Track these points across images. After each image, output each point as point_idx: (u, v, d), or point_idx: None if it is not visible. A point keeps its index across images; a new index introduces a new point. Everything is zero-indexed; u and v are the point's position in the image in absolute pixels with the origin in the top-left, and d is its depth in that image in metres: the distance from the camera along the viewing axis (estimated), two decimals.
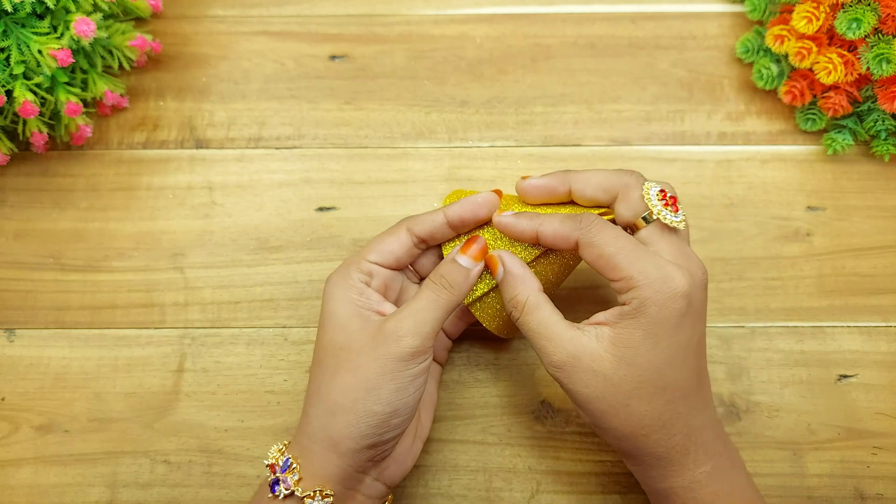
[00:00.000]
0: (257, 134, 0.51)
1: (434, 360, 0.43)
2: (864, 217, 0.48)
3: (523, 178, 0.39)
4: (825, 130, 0.50)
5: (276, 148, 0.51)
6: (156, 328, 0.47)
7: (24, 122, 0.47)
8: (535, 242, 0.37)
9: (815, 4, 0.45)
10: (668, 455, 0.34)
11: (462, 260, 0.37)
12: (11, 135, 0.49)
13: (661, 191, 0.36)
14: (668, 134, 0.51)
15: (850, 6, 0.44)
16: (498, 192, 0.39)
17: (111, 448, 0.44)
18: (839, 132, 0.49)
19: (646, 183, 0.37)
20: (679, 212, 0.36)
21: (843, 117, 0.49)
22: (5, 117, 0.47)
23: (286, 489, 0.34)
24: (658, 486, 0.36)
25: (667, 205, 0.36)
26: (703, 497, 0.35)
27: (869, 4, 0.44)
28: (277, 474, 0.35)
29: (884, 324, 0.46)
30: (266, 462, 0.36)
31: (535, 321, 0.36)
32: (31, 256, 0.48)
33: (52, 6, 0.43)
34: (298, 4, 0.55)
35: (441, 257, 0.41)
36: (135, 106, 0.52)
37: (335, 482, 0.35)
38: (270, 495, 0.35)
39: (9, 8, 0.42)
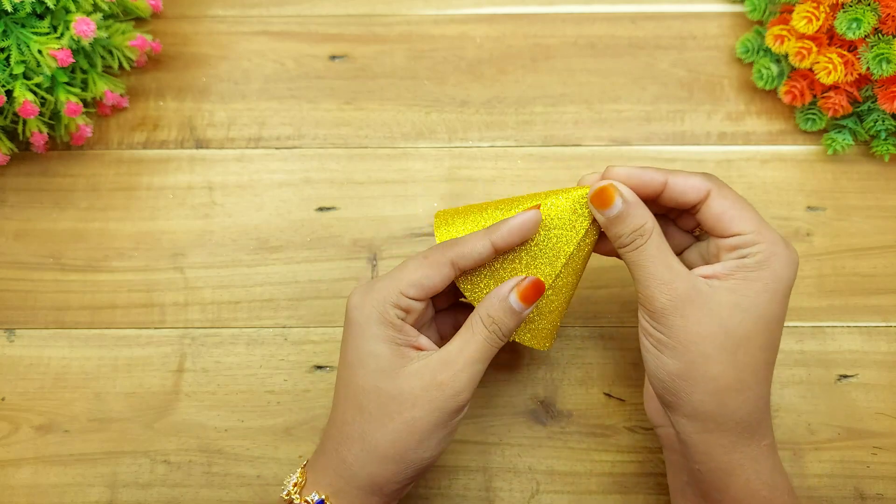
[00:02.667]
0: (257, 134, 0.51)
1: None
2: (864, 217, 0.48)
3: (612, 166, 0.37)
4: (825, 130, 0.50)
5: (276, 148, 0.51)
6: (156, 328, 0.47)
7: (24, 122, 0.47)
8: (658, 192, 0.36)
9: (815, 4, 0.45)
10: (747, 420, 0.34)
11: (515, 303, 0.35)
12: (11, 135, 0.49)
13: None
14: (668, 134, 0.51)
15: (850, 6, 0.44)
16: (538, 207, 0.37)
17: (111, 448, 0.44)
18: (839, 132, 0.49)
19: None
20: None
21: (843, 117, 0.49)
22: (5, 117, 0.47)
23: None
24: (724, 457, 0.34)
25: None
26: (764, 471, 0.35)
27: (869, 4, 0.44)
28: None
29: (884, 324, 0.46)
30: (289, 498, 0.35)
31: (660, 250, 0.34)
32: (31, 256, 0.48)
33: (52, 6, 0.43)
34: (298, 4, 0.55)
35: None
36: (135, 106, 0.52)
37: None
38: None
39: (9, 8, 0.42)
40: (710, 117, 0.51)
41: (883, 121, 0.47)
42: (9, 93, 0.44)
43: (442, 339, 0.41)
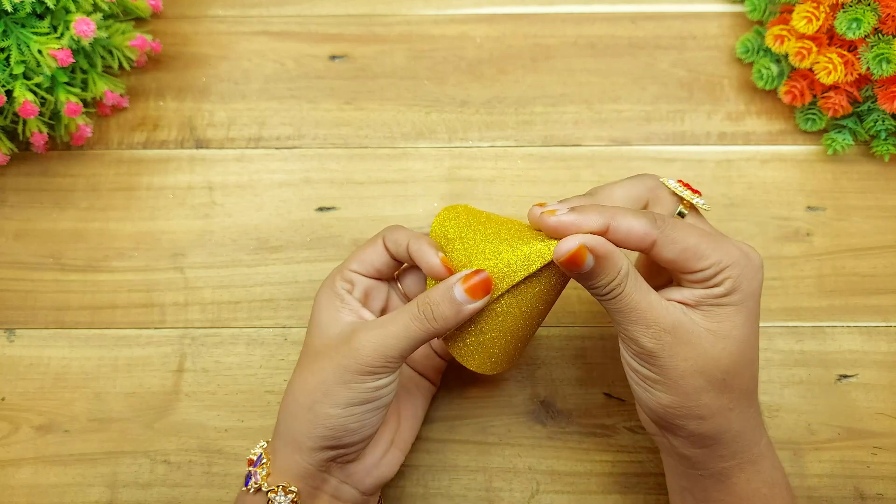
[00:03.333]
0: (257, 134, 0.51)
1: (426, 377, 0.43)
2: (864, 217, 0.48)
3: (538, 205, 0.35)
4: (825, 130, 0.50)
5: (276, 148, 0.51)
6: (156, 328, 0.47)
7: (24, 122, 0.47)
8: (600, 234, 0.33)
9: (815, 4, 0.45)
10: (743, 429, 0.35)
11: (459, 293, 0.34)
12: (11, 135, 0.49)
13: (679, 181, 0.37)
14: (668, 134, 0.51)
15: (850, 6, 0.44)
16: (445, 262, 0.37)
17: (111, 448, 0.44)
18: (839, 132, 0.49)
19: (662, 179, 0.37)
20: (699, 195, 0.37)
21: (843, 117, 0.49)
22: (5, 117, 0.47)
23: (255, 483, 0.36)
24: (724, 464, 0.35)
25: (693, 191, 0.36)
26: (764, 469, 0.35)
27: (869, 4, 0.44)
28: (250, 468, 0.37)
29: (884, 324, 0.46)
30: (248, 457, 0.38)
31: (638, 293, 0.33)
32: (31, 256, 0.48)
33: (52, 6, 0.43)
34: (298, 4, 0.55)
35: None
36: (135, 106, 0.52)
37: (299, 479, 0.36)
38: (244, 488, 0.36)
39: (9, 8, 0.42)
40: (710, 117, 0.51)
41: (883, 121, 0.47)
42: (9, 93, 0.44)
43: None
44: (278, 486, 0.36)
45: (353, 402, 0.35)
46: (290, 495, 0.35)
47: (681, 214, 0.36)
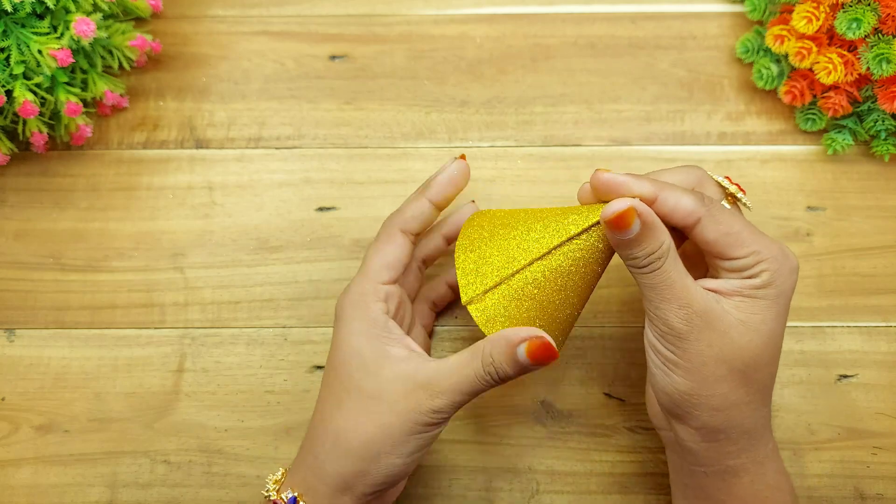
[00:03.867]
0: (257, 134, 0.51)
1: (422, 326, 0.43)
2: (864, 217, 0.48)
3: (600, 170, 0.36)
4: (825, 130, 0.50)
5: (276, 148, 0.51)
6: (156, 328, 0.47)
7: (24, 122, 0.47)
8: (649, 202, 0.34)
9: (815, 4, 0.45)
10: (754, 427, 0.35)
11: (522, 357, 0.33)
12: (11, 135, 0.49)
13: (726, 177, 0.37)
14: (668, 134, 0.51)
15: (850, 6, 0.44)
16: (463, 157, 0.40)
17: (111, 448, 0.44)
18: (839, 132, 0.49)
19: (708, 173, 0.38)
20: (745, 193, 0.37)
21: (843, 117, 0.49)
22: (5, 117, 0.47)
23: None
24: (729, 462, 0.35)
25: (739, 188, 0.37)
26: (768, 472, 0.35)
27: (869, 4, 0.44)
28: None
29: (884, 324, 0.46)
30: (267, 495, 0.36)
31: (676, 270, 0.33)
32: (31, 256, 0.48)
33: (52, 6, 0.43)
34: (298, 4, 0.55)
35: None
36: (135, 106, 0.52)
37: None
38: None
39: (9, 8, 0.42)
40: (710, 117, 0.51)
41: (883, 121, 0.47)
42: (9, 93, 0.44)
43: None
44: None
45: (420, 450, 0.35)
46: None
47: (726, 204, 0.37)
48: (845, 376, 0.45)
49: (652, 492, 0.43)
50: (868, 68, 0.44)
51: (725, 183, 0.37)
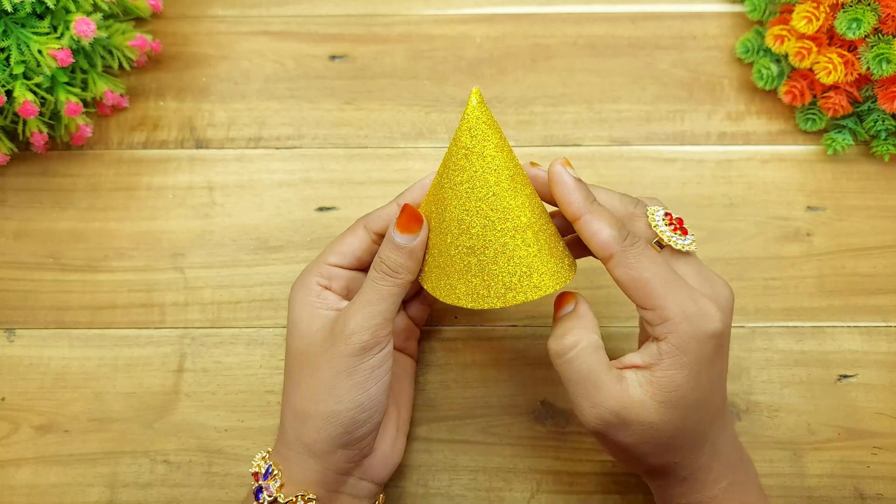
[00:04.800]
0: (257, 134, 0.51)
1: (404, 353, 0.43)
2: (864, 217, 0.48)
3: (559, 162, 0.34)
4: (825, 130, 0.50)
5: (276, 148, 0.51)
6: (156, 328, 0.47)
7: (24, 122, 0.47)
8: (573, 219, 0.33)
9: (815, 4, 0.45)
10: (693, 475, 0.35)
11: (398, 238, 0.34)
12: (11, 135, 0.49)
13: (667, 214, 0.35)
14: (668, 134, 0.51)
15: (850, 6, 0.44)
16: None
17: (111, 448, 0.44)
18: (839, 132, 0.49)
19: (648, 209, 0.35)
20: (688, 235, 0.35)
21: (843, 117, 0.49)
22: (5, 117, 0.47)
23: (269, 496, 0.35)
24: (678, 501, 0.36)
25: (675, 229, 0.34)
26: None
27: (869, 4, 0.44)
28: (260, 482, 0.36)
29: (884, 324, 0.46)
30: (251, 471, 0.37)
31: (587, 366, 0.33)
32: (31, 256, 0.48)
33: (52, 6, 0.43)
34: (298, 4, 0.55)
35: None
36: (135, 106, 0.52)
37: (317, 486, 0.35)
38: (255, 503, 0.35)
39: (9, 8, 0.42)
40: (710, 117, 0.51)
41: (883, 121, 0.47)
42: (9, 93, 0.44)
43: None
44: (297, 496, 0.35)
45: (357, 392, 0.35)
46: (310, 503, 0.35)
47: (659, 244, 0.34)
48: (845, 376, 0.45)
49: (652, 492, 0.43)
50: (868, 68, 0.44)
51: (659, 224, 0.34)
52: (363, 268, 0.39)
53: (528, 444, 0.44)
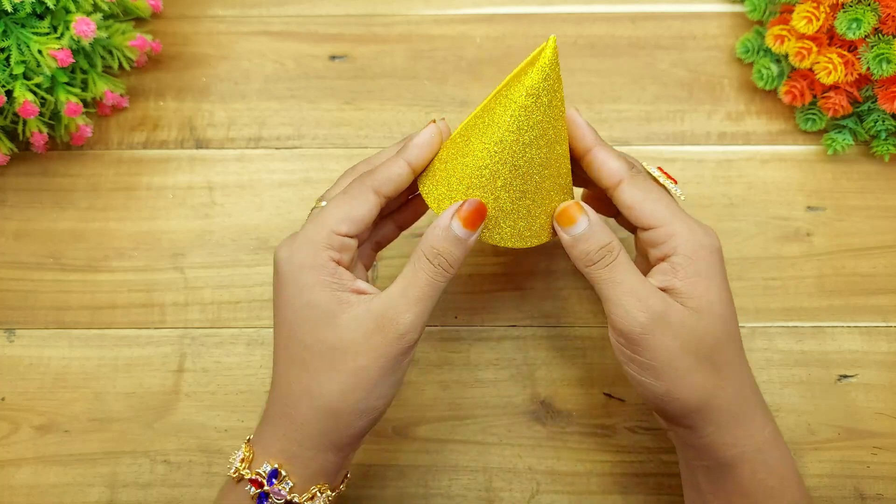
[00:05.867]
0: (257, 134, 0.51)
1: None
2: (864, 217, 0.48)
3: (574, 109, 0.37)
4: (825, 130, 0.50)
5: (276, 148, 0.51)
6: (156, 328, 0.47)
7: (24, 122, 0.47)
8: (580, 154, 0.36)
9: (815, 4, 0.45)
10: (742, 409, 0.34)
11: (461, 232, 0.33)
12: (11, 135, 0.49)
13: (659, 168, 0.38)
14: (668, 134, 0.51)
15: (850, 6, 0.44)
16: (433, 122, 0.37)
17: (111, 448, 0.44)
18: (839, 132, 0.49)
19: (643, 163, 0.38)
20: (677, 185, 0.38)
21: (843, 117, 0.49)
22: (5, 117, 0.47)
23: (279, 499, 0.33)
24: (728, 453, 0.34)
25: (669, 178, 0.37)
26: (770, 461, 0.34)
27: (869, 4, 0.44)
28: (266, 488, 0.33)
29: (884, 324, 0.46)
30: (238, 474, 0.34)
31: (630, 267, 0.34)
32: (31, 256, 0.48)
33: (52, 6, 0.43)
34: (298, 4, 0.55)
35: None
36: (135, 106, 0.52)
37: (330, 477, 0.34)
38: None
39: (9, 8, 0.42)
40: (710, 117, 0.51)
41: (883, 121, 0.47)
42: (9, 93, 0.44)
43: (366, 271, 0.39)
44: (314, 493, 0.33)
45: (395, 387, 0.34)
46: (325, 494, 0.34)
47: None
48: (845, 376, 0.45)
49: (652, 492, 0.43)
50: (868, 68, 0.44)
51: (657, 173, 0.37)
52: (368, 236, 0.37)
53: (528, 444, 0.44)
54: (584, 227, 0.35)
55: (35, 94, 0.45)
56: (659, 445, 0.44)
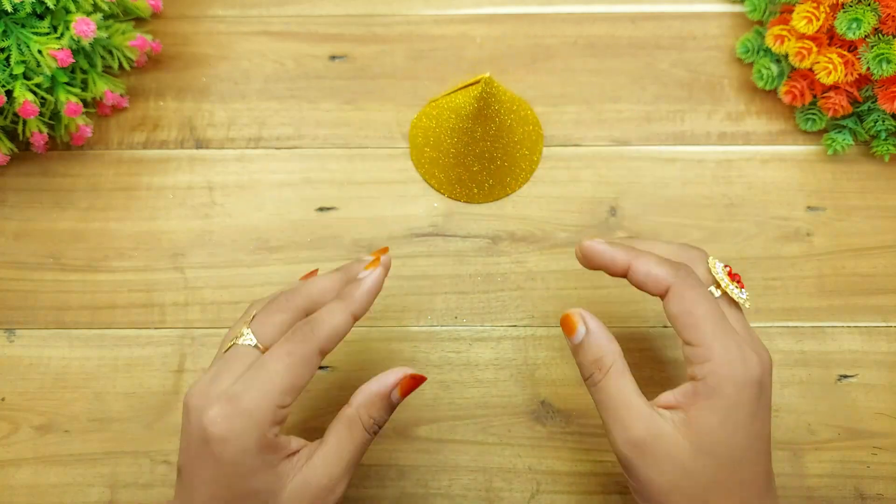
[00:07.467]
0: (257, 134, 0.51)
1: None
2: (864, 217, 0.48)
3: (585, 241, 0.36)
4: (825, 130, 0.50)
5: (276, 148, 0.51)
6: (156, 328, 0.47)
7: (24, 122, 0.47)
8: (623, 273, 0.34)
9: (815, 4, 0.45)
10: None
11: (396, 400, 0.34)
12: (11, 135, 0.49)
13: (726, 266, 0.35)
14: (668, 134, 0.51)
15: (850, 6, 0.44)
16: (380, 252, 0.36)
17: (111, 448, 0.44)
18: (839, 132, 0.49)
19: (710, 258, 0.35)
20: (744, 289, 0.35)
21: (843, 117, 0.49)
22: (5, 117, 0.47)
23: None
24: None
25: (733, 279, 0.34)
26: None
27: (869, 4, 0.44)
28: None
29: (884, 324, 0.46)
30: None
31: (616, 388, 0.32)
32: (31, 256, 0.48)
33: (52, 6, 0.43)
34: (298, 4, 0.55)
35: None
36: (135, 106, 0.52)
37: None
38: None
39: (9, 8, 0.42)
40: (710, 117, 0.51)
41: (883, 121, 0.47)
42: (9, 93, 0.44)
43: None
44: None
45: None
46: None
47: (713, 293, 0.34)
48: (845, 376, 0.45)
49: None
50: (868, 68, 0.44)
51: (719, 272, 0.34)
52: None
53: (528, 444, 0.44)
54: (580, 337, 0.34)
55: (35, 94, 0.45)
56: None
